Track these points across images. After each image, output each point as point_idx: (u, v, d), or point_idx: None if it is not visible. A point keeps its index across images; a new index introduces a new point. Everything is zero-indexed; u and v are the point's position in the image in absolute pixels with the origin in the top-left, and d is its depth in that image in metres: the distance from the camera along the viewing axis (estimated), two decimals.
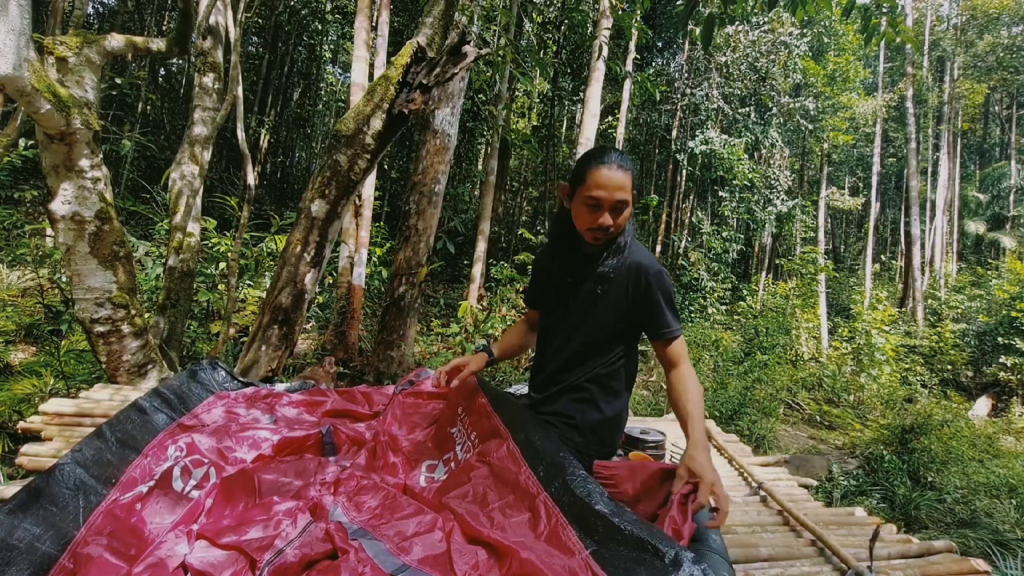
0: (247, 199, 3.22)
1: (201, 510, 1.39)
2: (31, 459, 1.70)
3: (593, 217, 1.44)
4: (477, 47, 2.78)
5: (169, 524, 1.34)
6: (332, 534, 1.23)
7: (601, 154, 1.45)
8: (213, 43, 3.58)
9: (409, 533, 1.23)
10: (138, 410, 1.72)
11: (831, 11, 3.55)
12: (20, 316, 4.46)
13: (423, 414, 1.92)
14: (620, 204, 1.43)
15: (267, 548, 1.20)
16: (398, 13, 10.47)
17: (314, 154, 16.14)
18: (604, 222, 1.43)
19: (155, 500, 1.41)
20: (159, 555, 1.20)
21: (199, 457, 1.58)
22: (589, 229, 1.47)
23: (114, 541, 1.22)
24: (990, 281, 13.88)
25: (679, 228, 14.73)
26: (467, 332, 5.77)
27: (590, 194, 1.42)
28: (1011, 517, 4.13)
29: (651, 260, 1.52)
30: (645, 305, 1.51)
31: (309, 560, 1.17)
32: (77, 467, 1.36)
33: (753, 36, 12.84)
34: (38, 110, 1.96)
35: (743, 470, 2.26)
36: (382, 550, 1.17)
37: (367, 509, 1.36)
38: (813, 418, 7.88)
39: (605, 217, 1.43)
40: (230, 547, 1.22)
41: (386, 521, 1.29)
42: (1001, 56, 18.92)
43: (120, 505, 1.33)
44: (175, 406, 1.85)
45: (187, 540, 1.26)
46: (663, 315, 1.50)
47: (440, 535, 1.22)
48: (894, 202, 23.87)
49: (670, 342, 1.50)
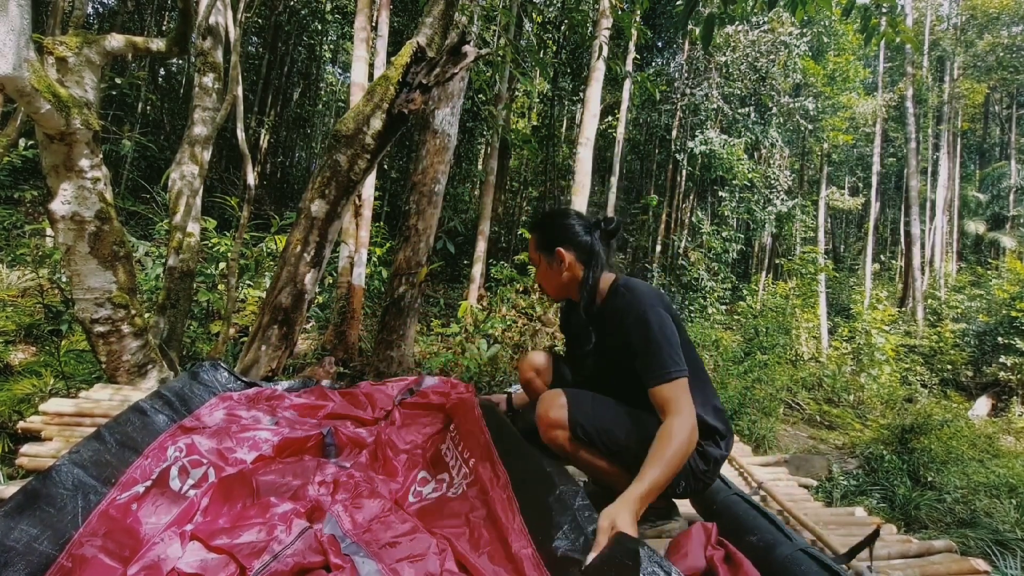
0: (247, 199, 3.22)
1: (196, 509, 1.39)
2: (31, 459, 1.70)
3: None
4: (477, 47, 2.79)
5: (164, 524, 1.34)
6: (325, 546, 1.23)
7: None
8: (213, 43, 3.57)
9: (402, 556, 1.23)
10: (139, 412, 1.73)
11: (831, 11, 3.55)
12: (20, 316, 4.46)
13: (421, 423, 1.93)
14: (531, 262, 1.64)
15: (259, 554, 1.20)
16: (398, 13, 10.47)
17: (314, 154, 16.13)
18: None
19: (152, 500, 1.40)
20: (152, 557, 1.20)
21: (198, 457, 1.58)
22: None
23: (109, 542, 1.23)
24: (990, 281, 13.88)
25: (679, 228, 14.73)
26: (467, 332, 5.77)
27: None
28: (1011, 517, 4.13)
29: (631, 304, 1.44)
30: (628, 350, 1.43)
31: (301, 568, 1.17)
32: (75, 467, 1.36)
33: (753, 36, 12.84)
34: (38, 110, 1.96)
35: (743, 470, 2.26)
36: (374, 570, 1.17)
37: (362, 521, 1.36)
38: (813, 418, 7.88)
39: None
40: (222, 550, 1.21)
41: (379, 538, 1.29)
42: (1001, 56, 18.92)
43: (116, 505, 1.33)
44: (176, 408, 1.85)
45: (180, 541, 1.26)
46: (645, 363, 1.38)
47: (436, 561, 1.22)
48: (894, 202, 23.87)
49: (653, 388, 1.36)
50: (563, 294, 1.64)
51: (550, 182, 13.62)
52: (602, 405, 1.48)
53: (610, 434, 1.43)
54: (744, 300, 13.55)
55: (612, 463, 1.46)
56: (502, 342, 5.56)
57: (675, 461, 1.25)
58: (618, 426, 1.44)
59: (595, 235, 1.56)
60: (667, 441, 1.26)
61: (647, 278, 12.84)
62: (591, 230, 1.57)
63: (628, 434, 1.43)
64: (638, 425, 1.44)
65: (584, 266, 1.56)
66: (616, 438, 1.43)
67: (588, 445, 1.44)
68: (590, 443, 1.44)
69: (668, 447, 1.25)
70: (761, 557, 1.30)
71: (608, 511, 1.17)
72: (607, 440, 1.43)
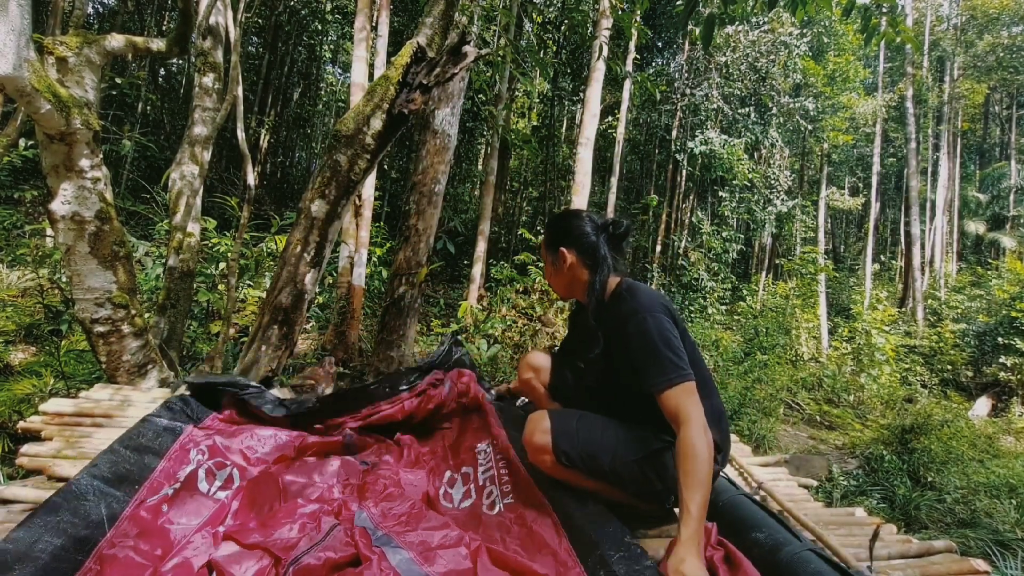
0: (247, 199, 3.22)
1: (227, 512, 1.40)
2: (31, 459, 1.70)
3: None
4: (477, 47, 2.79)
5: (196, 525, 1.36)
6: (356, 539, 1.24)
7: None
8: (213, 43, 3.57)
9: (434, 544, 1.23)
10: (154, 420, 1.75)
11: (831, 11, 3.55)
12: (20, 316, 4.46)
13: (442, 426, 1.94)
14: (542, 261, 1.65)
15: (292, 548, 1.21)
16: (398, 13, 10.46)
17: (314, 154, 16.13)
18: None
19: (181, 502, 1.42)
20: (185, 555, 1.22)
21: (221, 459, 1.60)
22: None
23: (140, 543, 1.25)
24: (990, 281, 13.88)
25: (679, 228, 14.73)
26: (467, 332, 5.77)
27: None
28: (1011, 517, 4.13)
29: (635, 311, 1.39)
30: (630, 357, 1.39)
31: (333, 564, 1.18)
32: (94, 480, 1.39)
33: (753, 36, 12.84)
34: (38, 110, 1.96)
35: (743, 470, 2.26)
36: (405, 559, 1.17)
37: (392, 515, 1.37)
38: (813, 418, 7.88)
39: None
40: (256, 547, 1.23)
41: (412, 528, 1.29)
42: (1001, 56, 18.92)
43: (147, 507, 1.36)
44: (190, 412, 1.87)
45: (213, 541, 1.28)
46: (646, 370, 1.34)
47: (466, 552, 1.21)
48: (894, 202, 23.86)
49: (659, 396, 1.31)
50: (569, 294, 1.64)
51: (550, 182, 13.61)
52: (588, 427, 1.45)
53: (594, 460, 1.42)
54: (744, 300, 13.55)
55: (599, 482, 1.45)
56: (502, 342, 5.55)
57: (705, 474, 1.20)
58: (603, 450, 1.42)
59: (602, 238, 1.54)
60: (691, 460, 1.21)
61: (647, 278, 12.84)
62: (599, 232, 1.54)
63: (613, 459, 1.42)
64: (625, 447, 1.42)
65: (589, 270, 1.54)
66: (600, 464, 1.42)
67: (572, 469, 1.43)
68: (574, 467, 1.43)
69: (695, 465, 1.20)
70: (768, 554, 1.30)
71: (673, 563, 1.13)
72: (591, 466, 1.42)
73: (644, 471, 1.42)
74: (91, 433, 1.88)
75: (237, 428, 1.80)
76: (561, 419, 1.45)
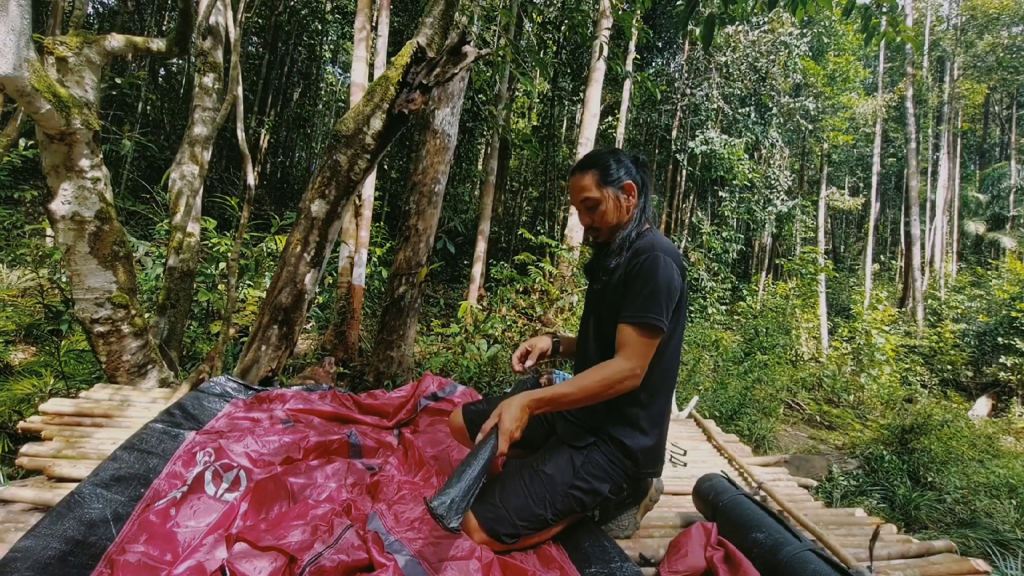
0: (247, 199, 3.22)
1: (236, 514, 1.40)
2: (31, 459, 1.70)
3: (581, 220, 1.57)
4: (477, 47, 2.79)
5: (205, 528, 1.35)
6: (368, 544, 1.24)
7: (576, 162, 1.58)
8: (213, 43, 3.57)
9: (447, 555, 1.22)
10: (153, 427, 1.76)
11: (831, 11, 3.55)
12: (20, 316, 4.45)
13: (445, 432, 1.96)
14: (588, 202, 1.52)
15: (307, 549, 1.21)
16: (398, 13, 10.46)
17: (314, 154, 16.13)
18: (583, 221, 1.56)
19: (189, 505, 1.42)
20: (197, 558, 1.22)
21: (228, 461, 1.60)
22: (585, 231, 1.58)
23: (150, 547, 1.25)
24: (990, 281, 13.87)
25: (679, 228, 14.74)
26: (467, 332, 5.76)
27: (570, 201, 1.54)
28: (1011, 517, 4.12)
29: (653, 246, 1.42)
30: (625, 287, 1.42)
31: (346, 568, 1.18)
32: (98, 488, 1.39)
33: (753, 36, 12.84)
34: (38, 110, 1.96)
35: (743, 470, 2.26)
36: (418, 570, 1.17)
37: (405, 520, 1.37)
38: (813, 418, 7.88)
39: (583, 216, 1.56)
40: (270, 548, 1.23)
41: (423, 536, 1.29)
42: (1001, 56, 18.91)
43: (155, 511, 1.36)
44: (191, 418, 1.89)
45: (224, 544, 1.27)
46: (631, 299, 1.38)
47: (478, 565, 1.21)
48: (894, 202, 23.86)
49: (623, 323, 1.37)
50: (613, 234, 1.57)
51: (550, 182, 13.61)
52: (512, 491, 1.40)
53: (535, 517, 1.37)
54: (744, 300, 13.55)
55: (548, 530, 1.42)
56: (502, 342, 5.55)
57: (591, 389, 1.32)
58: (536, 502, 1.38)
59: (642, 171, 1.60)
60: (596, 371, 1.33)
61: None
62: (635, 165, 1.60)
63: (551, 503, 1.38)
64: (553, 485, 1.40)
65: (639, 198, 1.57)
66: (542, 516, 1.38)
67: (522, 537, 1.37)
68: (521, 535, 1.37)
69: (593, 376, 1.33)
70: (768, 554, 1.31)
71: (503, 403, 1.28)
72: (535, 525, 1.38)
73: (579, 492, 1.42)
74: (91, 433, 1.88)
75: (242, 429, 1.80)
76: (484, 507, 1.37)
